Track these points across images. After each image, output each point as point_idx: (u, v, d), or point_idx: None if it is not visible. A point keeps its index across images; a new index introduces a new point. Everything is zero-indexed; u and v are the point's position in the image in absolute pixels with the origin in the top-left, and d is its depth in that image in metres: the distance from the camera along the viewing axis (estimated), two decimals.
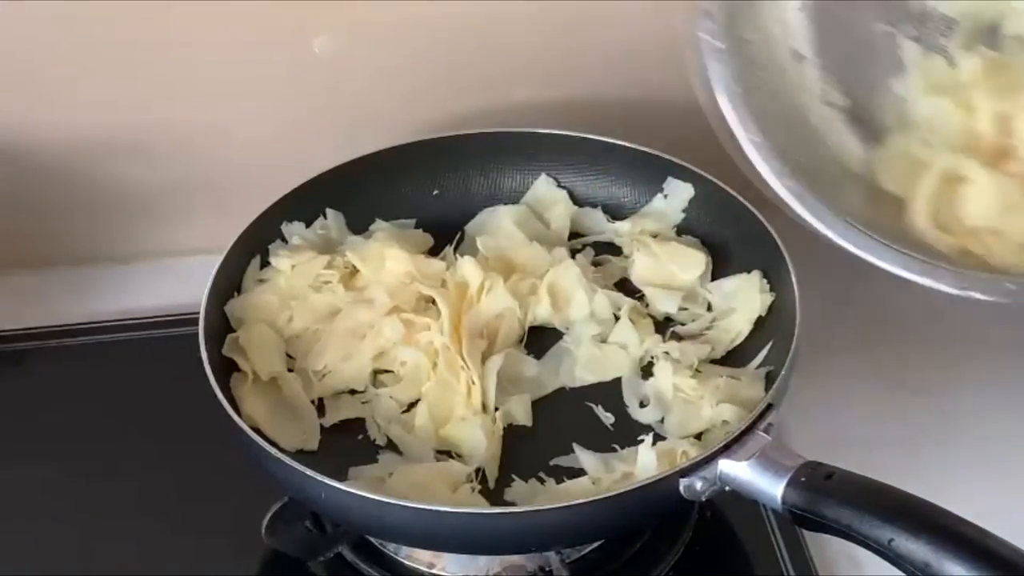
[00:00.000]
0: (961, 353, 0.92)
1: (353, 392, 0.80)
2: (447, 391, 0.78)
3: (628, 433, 0.76)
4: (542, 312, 0.83)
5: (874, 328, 0.95)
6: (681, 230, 0.89)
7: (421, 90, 0.94)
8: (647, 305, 0.85)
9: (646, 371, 0.81)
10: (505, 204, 0.92)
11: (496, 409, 0.77)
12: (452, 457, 0.75)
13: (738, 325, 0.82)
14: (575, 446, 0.76)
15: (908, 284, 0.98)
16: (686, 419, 0.77)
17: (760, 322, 0.82)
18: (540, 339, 0.84)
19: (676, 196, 0.89)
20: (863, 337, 0.94)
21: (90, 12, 0.90)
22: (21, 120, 0.96)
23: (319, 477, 0.67)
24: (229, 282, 0.83)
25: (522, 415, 0.78)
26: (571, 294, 0.84)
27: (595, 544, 0.77)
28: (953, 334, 0.93)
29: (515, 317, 0.82)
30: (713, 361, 0.81)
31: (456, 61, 0.96)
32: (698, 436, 0.76)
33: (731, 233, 0.86)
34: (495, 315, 0.82)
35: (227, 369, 0.78)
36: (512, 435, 0.77)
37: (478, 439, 0.75)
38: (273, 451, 0.69)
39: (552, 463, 0.75)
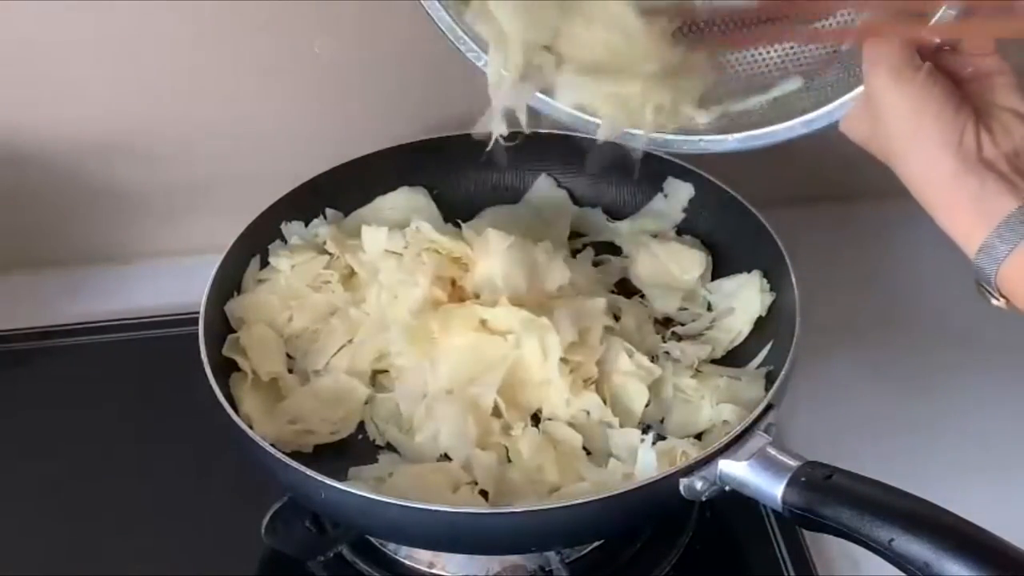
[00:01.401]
0: (961, 353, 0.92)
1: None
2: None
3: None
4: None
5: (874, 328, 0.95)
6: (681, 230, 0.89)
7: (421, 90, 0.94)
8: (647, 305, 0.85)
9: None
10: (505, 204, 0.92)
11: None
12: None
13: (738, 325, 0.82)
14: None
15: (909, 284, 0.98)
16: (686, 419, 0.77)
17: (760, 322, 0.82)
18: None
19: (676, 196, 0.89)
20: (863, 337, 0.94)
21: (89, 13, 0.90)
22: (21, 120, 0.96)
23: (319, 477, 0.67)
24: (229, 282, 0.83)
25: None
26: None
27: (595, 544, 0.77)
28: (953, 335, 0.94)
29: None
30: (713, 361, 0.81)
31: (456, 60, 0.96)
32: (698, 436, 0.76)
33: (731, 233, 0.86)
34: None
35: (227, 369, 0.78)
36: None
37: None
38: (273, 451, 0.69)
39: None
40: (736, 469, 0.66)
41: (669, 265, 0.86)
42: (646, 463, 0.72)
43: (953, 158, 0.57)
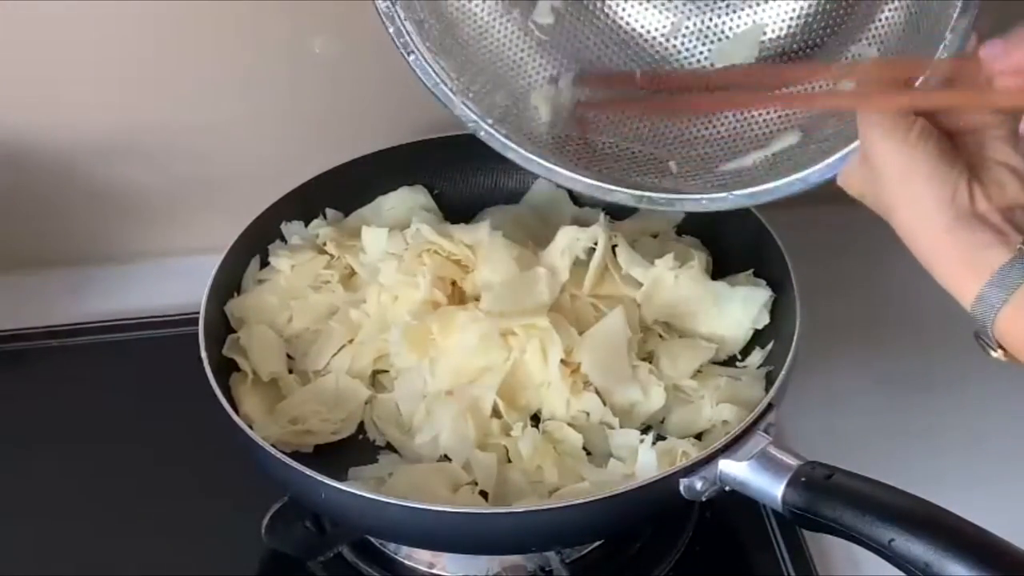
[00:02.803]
0: (961, 353, 0.91)
1: None
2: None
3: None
4: None
5: (874, 328, 0.95)
6: (681, 230, 0.89)
7: (422, 90, 0.94)
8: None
9: None
10: (505, 204, 0.92)
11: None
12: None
13: (741, 333, 0.82)
14: None
15: (908, 284, 0.98)
16: (686, 419, 0.77)
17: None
18: None
19: None
20: (863, 338, 0.94)
21: (89, 13, 0.90)
22: (21, 121, 0.96)
23: (319, 477, 0.67)
24: (229, 282, 0.83)
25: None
26: None
27: (595, 544, 0.77)
28: (953, 334, 0.93)
29: None
30: (713, 361, 0.81)
31: None
32: (698, 436, 0.76)
33: (731, 233, 0.86)
34: None
35: (227, 369, 0.78)
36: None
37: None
38: (273, 451, 0.69)
39: None
40: (736, 469, 0.66)
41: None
42: (646, 463, 0.72)
43: (946, 213, 0.57)
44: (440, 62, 0.76)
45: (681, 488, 0.67)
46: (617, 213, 0.91)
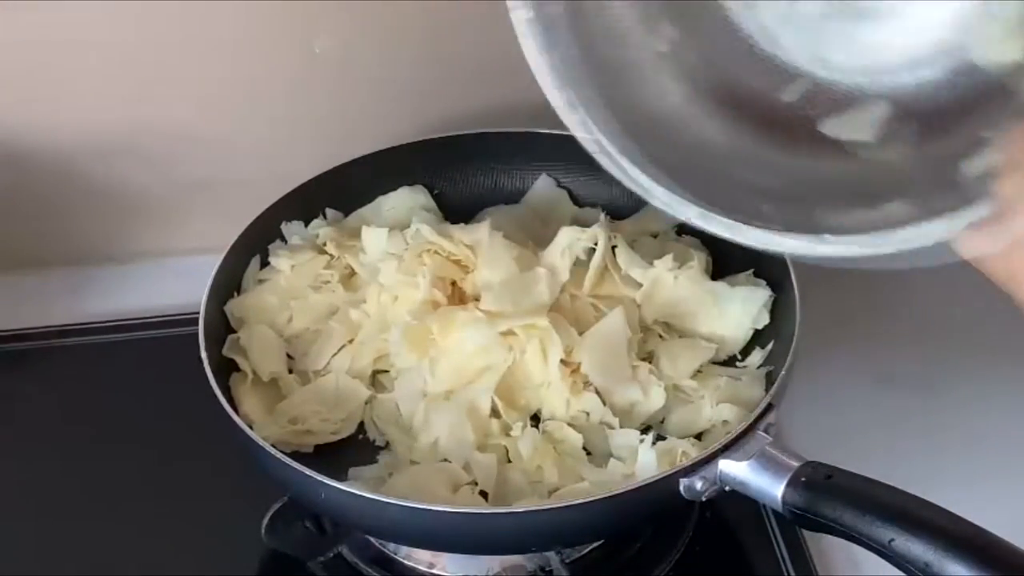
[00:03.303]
0: (962, 353, 0.92)
1: None
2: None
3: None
4: None
5: (874, 328, 0.95)
6: (681, 230, 0.89)
7: (422, 90, 0.94)
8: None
9: None
10: (505, 204, 0.92)
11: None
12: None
13: (741, 333, 0.82)
14: None
15: (908, 284, 0.98)
16: (686, 419, 0.77)
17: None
18: None
19: None
20: (863, 337, 0.94)
21: (88, 13, 0.90)
22: (21, 121, 0.96)
23: (319, 477, 0.67)
24: (229, 282, 0.83)
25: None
26: None
27: (595, 544, 0.77)
28: (954, 334, 0.93)
29: None
30: (713, 361, 0.81)
31: (456, 61, 0.96)
32: (698, 436, 0.76)
33: None
34: None
35: (227, 369, 0.78)
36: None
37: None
38: (273, 451, 0.69)
39: None
40: (736, 469, 0.66)
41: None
42: (646, 463, 0.72)
43: None
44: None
45: (681, 488, 0.67)
46: (617, 213, 0.91)
